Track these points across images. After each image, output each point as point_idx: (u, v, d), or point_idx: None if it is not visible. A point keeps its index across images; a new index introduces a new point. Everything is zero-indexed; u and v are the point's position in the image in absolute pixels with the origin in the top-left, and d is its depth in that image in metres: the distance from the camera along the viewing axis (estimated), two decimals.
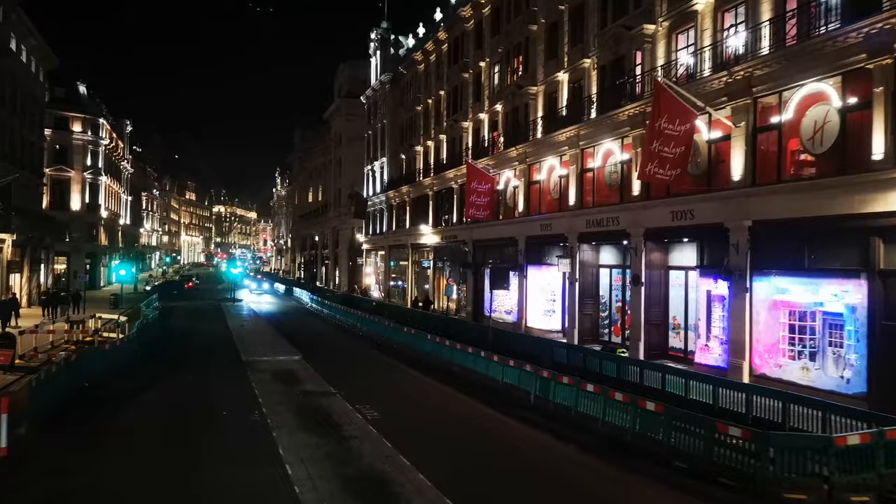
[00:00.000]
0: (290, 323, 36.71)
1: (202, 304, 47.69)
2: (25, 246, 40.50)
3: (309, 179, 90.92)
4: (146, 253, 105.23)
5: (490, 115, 36.63)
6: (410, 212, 47.49)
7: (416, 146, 47.41)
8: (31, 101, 43.09)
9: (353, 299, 49.62)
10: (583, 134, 26.91)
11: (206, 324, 34.66)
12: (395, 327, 27.87)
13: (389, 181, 52.23)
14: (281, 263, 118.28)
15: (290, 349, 24.53)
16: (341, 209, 68.52)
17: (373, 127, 57.63)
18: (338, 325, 36.73)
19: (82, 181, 62.30)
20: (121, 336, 25.25)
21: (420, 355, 24.07)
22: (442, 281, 42.60)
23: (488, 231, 34.92)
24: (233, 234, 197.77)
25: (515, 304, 32.36)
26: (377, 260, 57.55)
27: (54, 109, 60.38)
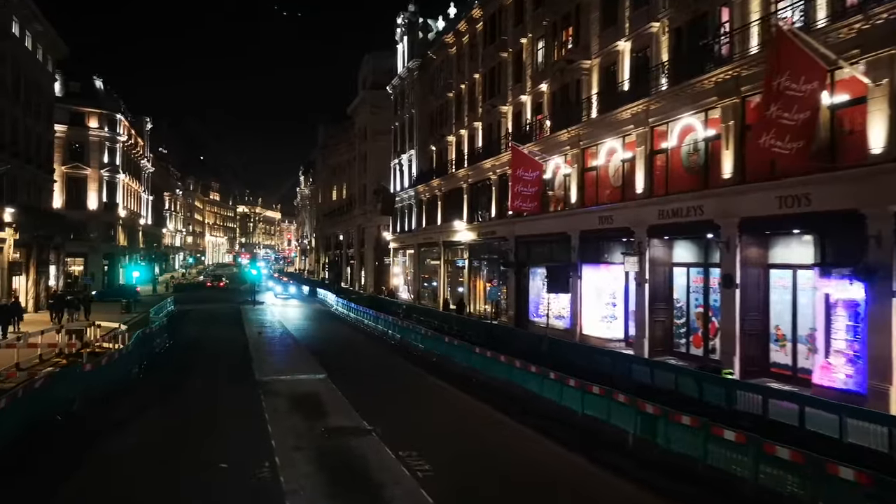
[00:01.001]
0: (314, 330, 32.87)
1: (220, 308, 44.13)
2: (31, 246, 37.22)
3: (333, 177, 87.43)
4: (169, 253, 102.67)
5: (533, 97, 32.40)
6: (442, 207, 43.43)
7: (448, 136, 43.33)
8: (36, 91, 39.86)
9: (380, 301, 45.70)
10: (653, 109, 22.60)
11: (221, 331, 30.94)
12: (434, 337, 23.78)
13: (418, 175, 48.23)
14: (305, 263, 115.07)
15: (312, 364, 20.58)
16: (366, 206, 64.74)
17: (399, 118, 53.68)
18: (366, 331, 32.78)
19: (99, 179, 59.30)
20: (118, 347, 21.56)
21: (465, 371, 19.98)
22: (478, 282, 38.48)
23: (533, 226, 30.72)
24: (257, 234, 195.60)
25: (567, 307, 28.14)
26: (405, 259, 53.60)
27: (69, 105, 57.52)
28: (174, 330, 30.11)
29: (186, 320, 35.66)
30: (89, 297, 37.88)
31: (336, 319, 38.90)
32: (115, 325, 23.89)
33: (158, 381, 18.37)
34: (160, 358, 22.28)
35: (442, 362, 22.01)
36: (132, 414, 14.39)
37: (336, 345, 27.25)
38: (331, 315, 41.92)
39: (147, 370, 20.16)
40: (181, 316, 37.92)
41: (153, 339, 23.19)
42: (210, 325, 33.43)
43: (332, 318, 39.52)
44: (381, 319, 31.65)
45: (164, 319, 26.53)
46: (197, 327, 32.43)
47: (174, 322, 34.45)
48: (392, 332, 29.18)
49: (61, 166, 56.82)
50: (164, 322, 26.23)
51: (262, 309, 42.52)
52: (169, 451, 11.91)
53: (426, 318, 36.03)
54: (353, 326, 34.84)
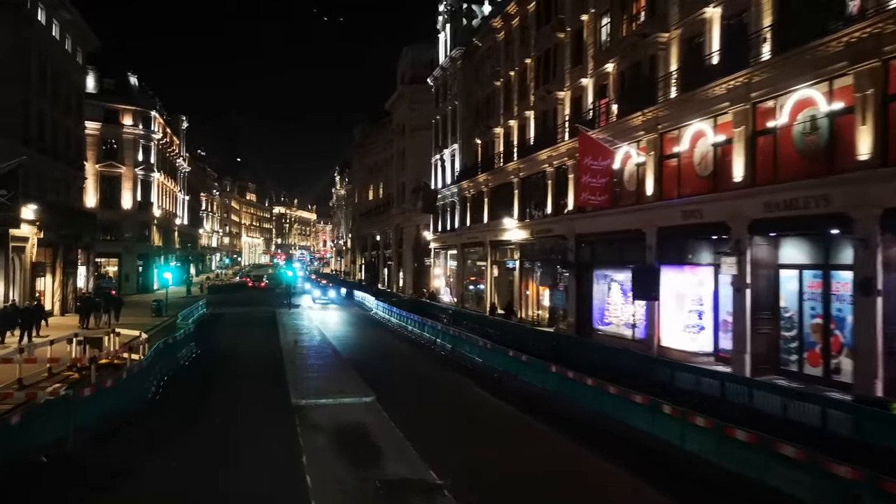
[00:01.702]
0: (355, 338, 29.78)
1: (254, 312, 41.49)
2: (58, 245, 35.03)
3: (369, 176, 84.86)
4: (206, 254, 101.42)
5: (596, 79, 28.83)
6: (489, 204, 40.06)
7: (495, 127, 39.95)
8: (65, 83, 37.74)
9: (422, 305, 42.54)
10: (756, 82, 18.87)
11: (253, 339, 28.08)
12: (494, 349, 20.37)
13: (462, 170, 44.94)
14: (341, 265, 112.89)
15: (356, 383, 17.34)
16: (405, 205, 61.77)
17: (441, 111, 50.47)
18: (411, 339, 29.57)
19: (133, 178, 57.49)
20: (138, 359, 18.76)
21: (539, 393, 16.58)
22: (531, 284, 35.01)
23: (597, 223, 27.15)
24: (292, 235, 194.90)
25: (640, 315, 24.51)
26: (447, 260, 50.35)
27: (103, 101, 55.84)
28: (203, 337, 27.40)
29: (217, 326, 33.03)
30: (119, 298, 35.58)
31: (377, 325, 35.79)
32: (136, 334, 21.16)
33: (177, 405, 15.41)
34: (184, 372, 19.43)
35: (505, 380, 18.67)
36: (137, 456, 11.34)
37: (381, 356, 24.10)
38: (371, 320, 38.87)
39: (168, 386, 17.30)
40: (212, 321, 35.36)
41: (177, 350, 20.37)
42: (242, 332, 30.66)
43: (372, 324, 36.43)
44: (427, 326, 28.42)
45: (192, 326, 23.76)
46: (228, 334, 29.69)
47: (204, 328, 31.83)
48: (441, 341, 25.92)
49: (95, 165, 55.22)
50: (191, 329, 23.42)
51: (299, 313, 39.71)
52: None
53: (473, 323, 32.69)
54: (396, 334, 31.67)
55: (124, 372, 14.20)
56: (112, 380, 13.41)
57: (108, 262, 57.45)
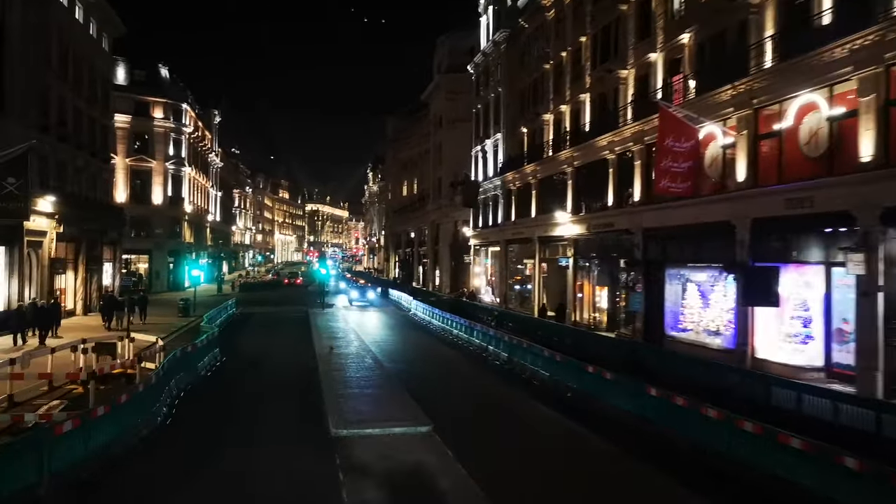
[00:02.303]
0: (396, 343, 26.71)
1: (286, 312, 38.86)
2: (80, 240, 32.80)
3: (403, 171, 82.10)
4: (239, 251, 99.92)
5: (667, 53, 25.31)
6: (537, 197, 36.73)
7: (544, 114, 36.57)
8: (89, 70, 35.54)
9: (463, 306, 39.44)
10: (891, 40, 15.28)
11: (284, 344, 25.30)
12: (565, 362, 17.03)
13: (506, 162, 41.67)
14: (373, 262, 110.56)
15: (407, 405, 14.10)
16: (442, 200, 58.76)
17: (482, 99, 47.22)
18: (458, 344, 26.42)
19: (164, 172, 55.51)
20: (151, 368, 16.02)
21: (635, 423, 13.28)
22: (586, 284, 31.60)
23: (671, 215, 23.65)
24: (325, 232, 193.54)
25: (728, 321, 21.01)
26: (488, 257, 47.15)
27: (133, 94, 54.01)
28: (229, 341, 24.73)
29: (246, 328, 30.41)
30: (145, 297, 33.24)
31: (418, 328, 32.70)
32: (153, 339, 18.47)
33: (190, 434, 12.54)
34: (203, 386, 16.64)
35: (584, 401, 15.42)
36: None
37: (428, 367, 20.98)
38: (410, 322, 35.83)
39: (183, 405, 14.48)
40: (241, 322, 32.77)
41: (197, 359, 17.60)
42: (272, 335, 27.94)
43: (412, 327, 33.37)
44: (477, 331, 25.21)
45: (216, 330, 21.01)
46: (257, 338, 26.99)
47: (232, 330, 29.23)
48: (494, 349, 22.72)
49: (125, 159, 53.45)
50: (215, 334, 20.66)
51: (333, 314, 36.91)
52: None
53: (522, 326, 29.53)
54: (440, 338, 28.54)
55: (123, 394, 11.33)
56: (105, 408, 10.54)
57: (138, 259, 55.69)
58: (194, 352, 17.10)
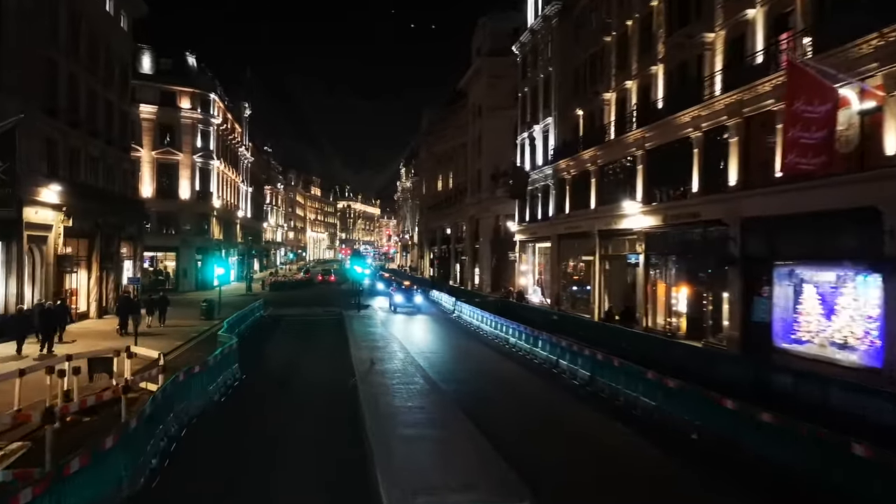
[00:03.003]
0: (446, 355, 22.25)
1: (318, 315, 35.20)
2: (94, 235, 29.57)
3: (438, 166, 78.24)
4: (270, 249, 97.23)
5: (770, 8, 20.80)
6: (597, 185, 32.41)
7: (605, 92, 32.22)
8: (104, 50, 32.28)
9: (511, 307, 35.36)
10: None
11: (317, 356, 21.41)
12: (686, 393, 12.69)
13: (558, 148, 37.38)
14: (406, 260, 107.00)
15: (487, 459, 9.45)
16: (482, 194, 54.70)
17: (530, 81, 42.97)
18: (519, 357, 22.22)
19: (192, 165, 52.45)
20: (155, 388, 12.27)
21: (804, 479, 9.07)
22: (660, 284, 27.22)
23: (780, 201, 19.19)
24: (356, 230, 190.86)
25: (868, 330, 16.52)
26: (536, 254, 42.96)
27: (159, 83, 51.04)
28: (252, 352, 21.08)
29: (273, 335, 26.75)
30: (165, 297, 29.91)
31: (467, 335, 28.50)
32: (154, 355, 14.80)
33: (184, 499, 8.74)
34: (213, 419, 12.87)
35: (717, 445, 11.21)
36: None
37: (493, 388, 16.71)
38: (455, 326, 31.69)
39: (181, 450, 10.70)
40: (269, 327, 29.17)
41: (208, 381, 13.87)
42: (303, 344, 24.19)
43: (460, 333, 29.21)
44: (542, 342, 20.98)
45: (234, 341, 17.24)
46: (285, 347, 23.25)
47: (257, 336, 25.63)
48: (567, 364, 18.52)
49: (151, 151, 50.54)
50: (234, 346, 16.90)
51: (370, 317, 33.09)
52: None
53: (584, 332, 25.38)
54: (496, 348, 24.26)
55: (84, 454, 7.51)
56: (66, 466, 6.74)
57: (165, 257, 52.80)
58: (203, 371, 13.33)
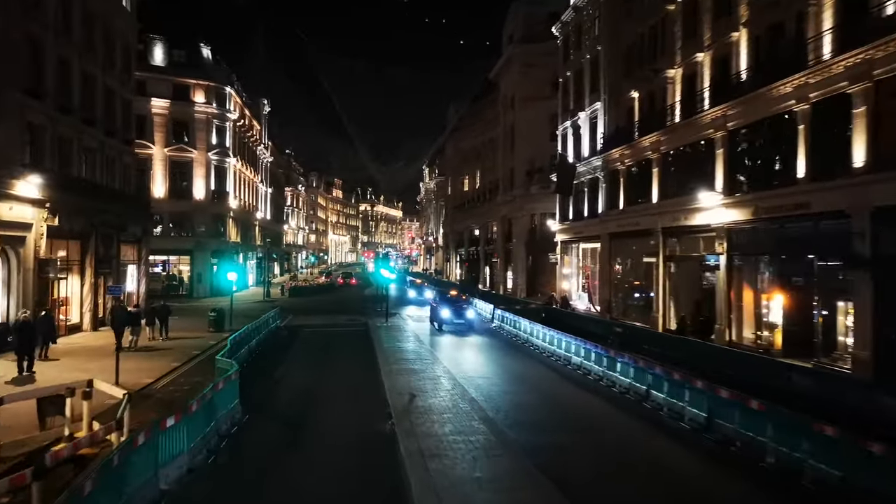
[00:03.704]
0: (500, 382, 17.17)
1: (341, 325, 31.14)
2: (89, 237, 25.83)
3: (465, 164, 74.05)
4: (291, 252, 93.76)
5: None
6: (660, 176, 27.92)
7: (668, 69, 27.73)
8: (103, 29, 28.60)
9: (557, 315, 31.02)
10: None
11: (340, 386, 16.84)
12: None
13: (610, 136, 32.92)
14: (430, 263, 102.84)
15: None
16: (515, 191, 50.35)
17: (573, 65, 38.56)
18: (589, 382, 17.81)
19: (206, 163, 48.87)
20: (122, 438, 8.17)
21: None
22: (747, 290, 22.67)
23: None
24: (379, 232, 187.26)
25: None
26: (580, 256, 38.51)
27: (172, 76, 47.57)
28: (263, 376, 17.07)
29: (289, 352, 22.66)
30: (167, 307, 26.10)
31: (518, 351, 23.58)
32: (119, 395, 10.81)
33: None
34: (199, 485, 8.76)
35: None
36: None
37: (579, 440, 11.99)
38: (500, 339, 26.97)
39: None
40: (284, 342, 25.07)
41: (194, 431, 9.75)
42: (323, 367, 19.96)
43: (508, 348, 24.34)
44: (623, 365, 16.48)
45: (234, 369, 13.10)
46: (301, 371, 19.02)
47: (271, 355, 21.56)
48: (664, 398, 14.07)
49: (163, 149, 47.08)
50: (231, 376, 12.77)
51: (399, 328, 28.92)
52: None
53: (650, 346, 21.00)
54: (557, 370, 19.53)
55: None
56: None
57: (179, 261, 49.25)
58: (178, 422, 9.22)
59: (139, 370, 18.11)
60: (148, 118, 46.41)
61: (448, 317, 28.20)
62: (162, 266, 47.89)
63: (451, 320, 28.10)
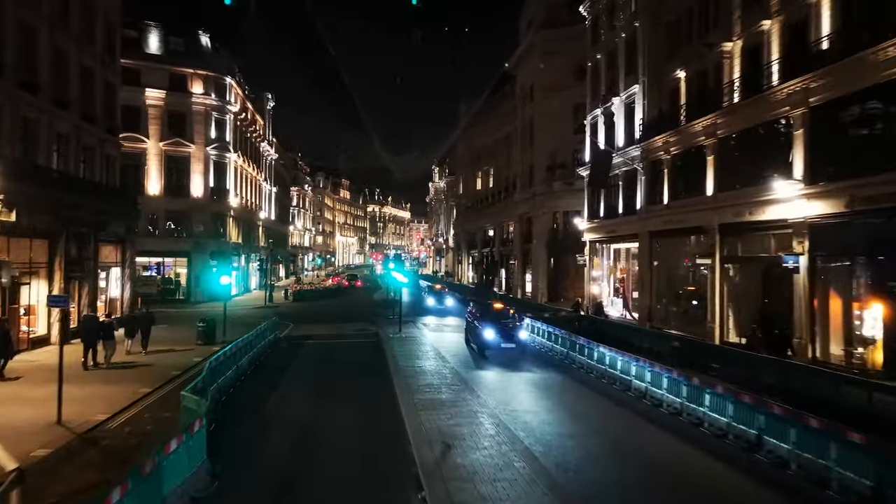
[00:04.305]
0: (553, 417, 13.29)
1: (349, 336, 27.42)
2: (57, 235, 22.20)
3: (477, 162, 70.32)
4: (297, 254, 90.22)
5: None
6: (716, 164, 24.04)
7: (724, 42, 23.86)
8: (78, 1, 25.00)
9: (594, 326, 27.18)
10: None
11: (347, 424, 12.79)
12: None
13: (652, 122, 29.09)
14: (440, 265, 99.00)
15: None
16: (535, 188, 46.56)
17: (605, 46, 34.73)
18: (654, 413, 13.98)
19: (205, 158, 45.33)
20: None
21: None
22: (832, 297, 18.77)
23: None
24: (387, 234, 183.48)
25: None
26: (612, 257, 34.68)
27: (168, 65, 44.10)
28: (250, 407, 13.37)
29: (285, 373, 18.84)
30: (150, 315, 22.50)
31: (557, 369, 19.61)
32: (11, 466, 7.22)
33: None
34: None
35: None
36: None
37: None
38: (533, 353, 23.11)
39: None
40: (281, 359, 21.23)
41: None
42: (326, 395, 16.06)
43: (546, 365, 20.43)
44: (718, 399, 12.54)
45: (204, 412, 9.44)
46: (296, 403, 14.94)
47: (263, 377, 17.81)
48: (789, 449, 10.22)
49: (158, 143, 43.58)
50: (197, 427, 9.03)
51: (415, 340, 25.15)
52: None
53: (730, 367, 17.16)
54: (621, 401, 15.53)
55: None
56: None
57: (176, 263, 45.65)
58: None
59: (96, 399, 14.43)
60: (142, 110, 43.00)
61: (493, 339, 20.97)
62: (156, 269, 44.35)
63: (498, 343, 20.88)
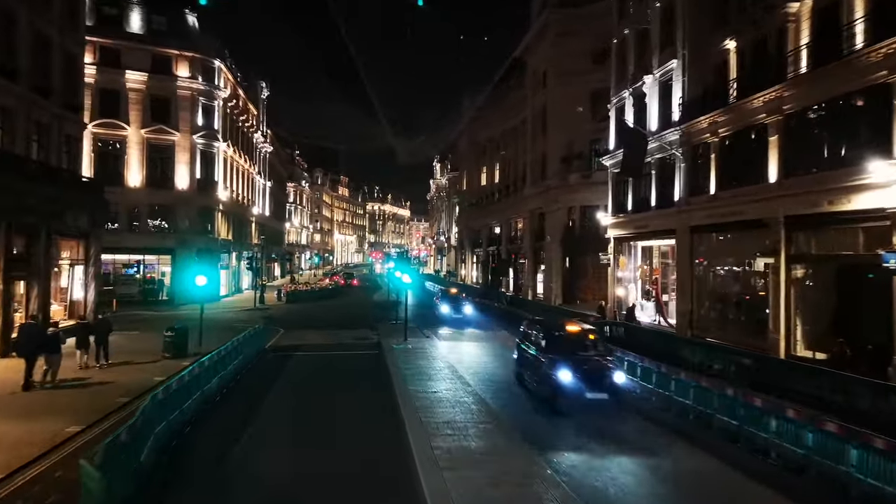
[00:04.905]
0: (640, 490, 9.49)
1: (347, 346, 23.55)
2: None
3: (482, 156, 66.53)
4: (294, 252, 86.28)
5: None
6: (780, 146, 20.18)
7: (791, 2, 20.00)
8: None
9: (630, 336, 23.40)
10: None
11: (341, 481, 9.32)
12: None
13: (693, 100, 25.21)
14: (442, 264, 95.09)
15: None
16: (548, 181, 42.72)
17: (633, 20, 30.85)
18: (767, 471, 10.15)
19: (191, 147, 41.40)
20: None
21: None
22: None
23: None
24: (386, 232, 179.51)
25: None
26: (640, 256, 30.84)
27: (150, 45, 40.18)
28: (212, 455, 9.53)
29: (264, 399, 14.92)
30: (107, 322, 18.62)
31: (683, 436, 12.78)
32: None
33: None
34: None
35: None
36: None
37: None
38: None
39: None
40: (262, 381, 17.29)
41: None
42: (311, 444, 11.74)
43: (665, 429, 14.95)
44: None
45: (151, 457, 5.84)
46: (274, 453, 11.14)
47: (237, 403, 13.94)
48: None
49: (140, 130, 39.66)
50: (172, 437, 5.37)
51: (426, 354, 21.29)
52: None
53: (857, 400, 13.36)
54: (725, 455, 11.12)
55: None
56: None
57: (159, 261, 41.72)
58: None
59: (3, 441, 10.54)
60: (122, 94, 39.16)
61: (572, 384, 13.13)
62: (136, 267, 40.43)
63: (581, 391, 13.12)
